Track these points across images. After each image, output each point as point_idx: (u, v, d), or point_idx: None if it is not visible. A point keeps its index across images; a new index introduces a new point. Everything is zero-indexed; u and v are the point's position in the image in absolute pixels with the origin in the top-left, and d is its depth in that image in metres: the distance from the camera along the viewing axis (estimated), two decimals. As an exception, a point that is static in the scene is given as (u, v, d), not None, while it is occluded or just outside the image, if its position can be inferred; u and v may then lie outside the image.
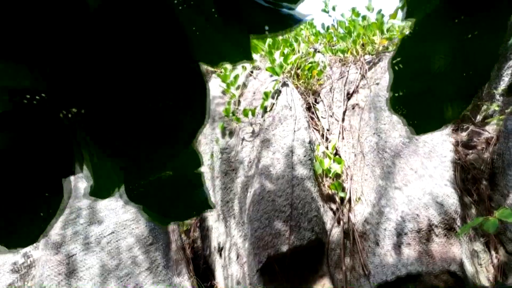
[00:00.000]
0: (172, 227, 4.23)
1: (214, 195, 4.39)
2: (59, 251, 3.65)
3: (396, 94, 1.07)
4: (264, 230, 3.31)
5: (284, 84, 4.14)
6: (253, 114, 4.22)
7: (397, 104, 1.06)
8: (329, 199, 3.66)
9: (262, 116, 4.21)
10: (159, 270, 3.71)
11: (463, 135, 3.87)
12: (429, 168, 3.21)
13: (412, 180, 3.23)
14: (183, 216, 0.98)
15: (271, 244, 3.24)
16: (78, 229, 3.81)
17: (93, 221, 3.91)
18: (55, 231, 3.78)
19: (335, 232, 3.43)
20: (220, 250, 4.26)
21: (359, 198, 3.56)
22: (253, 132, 4.21)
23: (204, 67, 5.15)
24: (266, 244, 3.25)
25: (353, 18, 4.89)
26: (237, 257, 3.83)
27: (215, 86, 4.85)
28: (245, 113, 4.21)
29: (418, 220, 3.01)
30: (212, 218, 4.55)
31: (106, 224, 3.91)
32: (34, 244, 4.20)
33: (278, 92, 4.13)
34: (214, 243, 4.46)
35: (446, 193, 3.05)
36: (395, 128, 3.55)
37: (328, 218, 3.48)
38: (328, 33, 5.26)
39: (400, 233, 3.05)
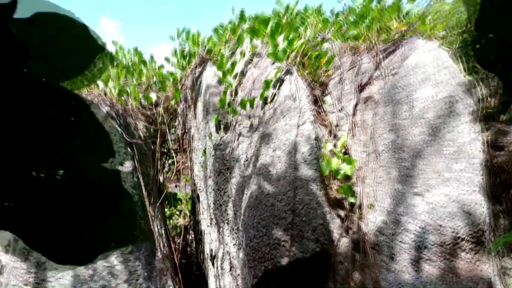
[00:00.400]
0: (158, 231, 3.81)
1: (207, 197, 3.98)
2: (28, 258, 3.32)
3: (483, 43, 0.60)
4: (261, 239, 3.00)
5: (288, 72, 3.69)
6: (251, 106, 3.80)
7: (486, 52, 0.58)
8: (336, 204, 3.29)
9: (261, 108, 3.80)
10: (139, 282, 3.31)
11: (487, 134, 3.51)
12: (455, 171, 2.84)
13: (435, 185, 2.86)
14: (82, 257, 0.51)
15: (269, 256, 2.93)
16: (50, 232, 3.42)
17: (66, 224, 3.52)
18: (24, 234, 3.39)
19: (343, 243, 3.10)
20: (213, 258, 3.88)
21: (372, 205, 3.20)
22: (251, 126, 3.81)
23: (201, 53, 4.70)
24: (263, 256, 2.96)
25: (365, 5, 4.45)
26: (230, 268, 3.44)
27: (210, 74, 4.42)
28: (243, 105, 3.79)
29: (441, 232, 2.66)
30: (204, 222, 4.14)
31: (81, 228, 3.51)
32: (4, 248, 3.85)
33: (280, 81, 3.69)
34: (207, 249, 4.09)
35: (475, 200, 2.68)
36: (415, 124, 3.10)
37: (335, 226, 3.15)
38: (337, 20, 4.80)
39: (419, 247, 2.72)
